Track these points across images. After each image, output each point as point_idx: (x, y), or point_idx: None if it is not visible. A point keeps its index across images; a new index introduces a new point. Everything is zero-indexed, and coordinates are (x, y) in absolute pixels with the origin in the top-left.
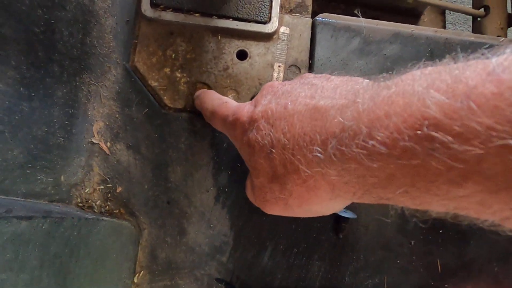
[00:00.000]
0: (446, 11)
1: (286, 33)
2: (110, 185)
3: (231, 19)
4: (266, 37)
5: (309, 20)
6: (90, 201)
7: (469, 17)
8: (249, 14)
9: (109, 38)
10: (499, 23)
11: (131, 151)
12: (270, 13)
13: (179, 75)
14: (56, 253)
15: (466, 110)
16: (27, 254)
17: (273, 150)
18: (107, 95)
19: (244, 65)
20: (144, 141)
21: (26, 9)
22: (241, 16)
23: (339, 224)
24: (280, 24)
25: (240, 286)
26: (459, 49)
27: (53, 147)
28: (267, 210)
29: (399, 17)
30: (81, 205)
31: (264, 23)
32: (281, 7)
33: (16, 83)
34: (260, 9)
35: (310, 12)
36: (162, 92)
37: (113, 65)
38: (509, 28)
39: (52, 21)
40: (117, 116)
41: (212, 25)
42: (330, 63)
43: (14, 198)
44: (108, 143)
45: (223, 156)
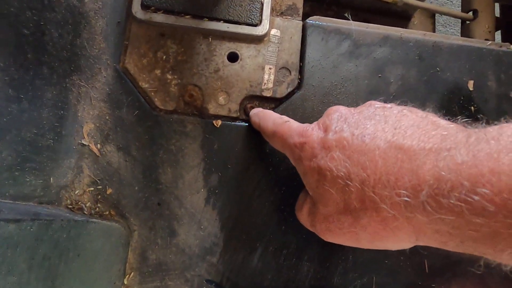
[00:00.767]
0: (436, 13)
1: (277, 36)
2: (100, 187)
3: (222, 21)
4: (257, 40)
5: (300, 23)
6: (80, 203)
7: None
8: (240, 17)
9: (100, 40)
10: (487, 27)
11: (122, 153)
12: (261, 16)
13: (170, 77)
14: (45, 256)
15: None
16: (15, 257)
17: (350, 183)
18: (98, 97)
19: (235, 67)
20: (135, 143)
21: (15, 11)
22: (232, 19)
23: None
24: (271, 27)
25: (230, 287)
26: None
27: (42, 149)
28: (327, 238)
29: (390, 20)
30: (71, 207)
31: (255, 26)
32: (272, 10)
33: (5, 85)
34: (251, 12)
35: (301, 15)
36: (153, 94)
37: (104, 67)
38: (496, 32)
39: (42, 23)
40: (108, 118)
41: (203, 27)
42: (321, 66)
43: (2, 200)
44: (98, 145)
45: (214, 158)
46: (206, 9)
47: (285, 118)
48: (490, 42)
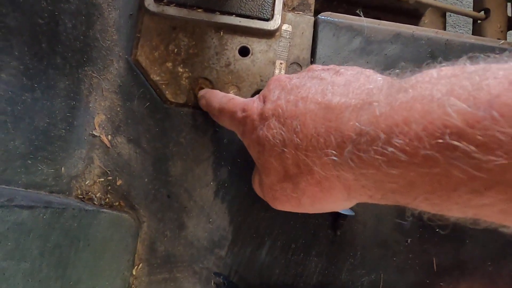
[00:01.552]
0: (447, 13)
1: (288, 31)
2: (111, 178)
3: (234, 16)
4: (268, 34)
5: (312, 19)
6: (90, 193)
7: (470, 20)
8: (252, 11)
9: (112, 32)
10: (499, 26)
11: (132, 145)
12: (273, 11)
13: (181, 70)
14: (56, 244)
15: (489, 120)
16: (28, 244)
17: (285, 150)
18: (109, 88)
19: (246, 62)
20: (145, 135)
21: (30, 0)
22: (244, 13)
23: (337, 221)
24: (283, 22)
25: (238, 281)
26: (460, 51)
27: (54, 139)
28: (276, 207)
29: (400, 18)
30: (81, 197)
31: (267, 20)
32: (284, 5)
33: (19, 74)
34: (263, 6)
35: (313, 11)
36: (164, 87)
37: (116, 59)
38: (509, 31)
39: (56, 13)
40: (119, 110)
41: (215, 21)
42: (332, 62)
43: (15, 188)
44: (109, 136)
45: (224, 151)
46: (218, 3)
47: (230, 96)
48: (503, 41)
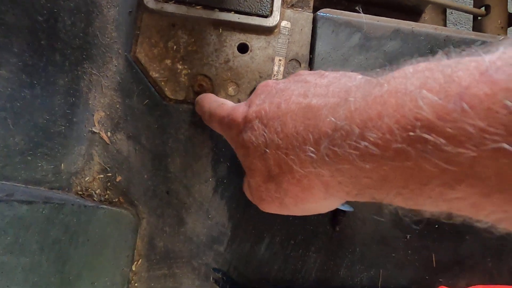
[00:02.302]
0: (447, 11)
1: (287, 28)
2: (110, 174)
3: (233, 12)
4: (268, 31)
5: (310, 15)
6: (90, 190)
7: (470, 18)
8: (251, 8)
9: (111, 29)
10: (500, 22)
11: (131, 141)
12: (272, 7)
13: (180, 67)
14: (56, 239)
15: (459, 112)
16: (28, 238)
17: (267, 150)
18: (109, 85)
19: (245, 58)
20: (145, 132)
21: None
22: (243, 10)
23: (336, 217)
24: (282, 18)
25: (237, 276)
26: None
27: (54, 135)
28: (264, 209)
29: (400, 15)
30: (81, 193)
31: (266, 17)
32: (283, 2)
33: (19, 70)
34: (262, 3)
35: (312, 7)
36: (163, 84)
37: (115, 56)
38: (509, 28)
39: (55, 10)
40: (118, 106)
41: (214, 18)
42: (331, 58)
43: (15, 184)
44: (109, 133)
45: (223, 148)
46: (217, 0)
47: (221, 101)
48: (503, 37)
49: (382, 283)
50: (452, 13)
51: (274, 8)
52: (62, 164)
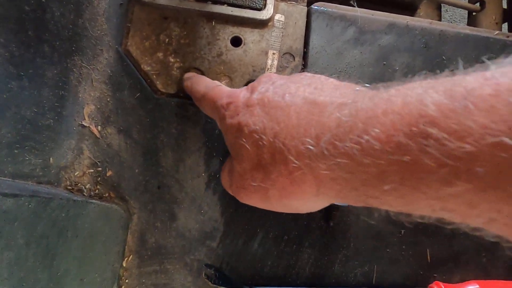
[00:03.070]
0: (442, 8)
1: (281, 21)
2: (100, 169)
3: (226, 5)
4: (261, 24)
5: (304, 8)
6: (80, 184)
7: (465, 16)
8: (244, 1)
9: (102, 21)
10: (494, 18)
11: (122, 135)
12: (265, 0)
13: (172, 60)
14: (43, 234)
15: (463, 110)
16: (13, 232)
17: (264, 137)
18: (99, 78)
19: (238, 52)
20: (136, 126)
21: None
22: (236, 2)
23: (330, 212)
24: (275, 12)
25: (230, 272)
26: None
27: (43, 128)
28: (242, 198)
29: (395, 11)
30: (70, 188)
31: (259, 10)
32: None
33: (5, 61)
34: None
35: (306, 1)
36: (155, 77)
37: (105, 48)
38: (503, 23)
39: (43, 0)
40: (109, 100)
41: (207, 11)
42: (325, 52)
43: (1, 178)
44: (99, 127)
45: (215, 142)
46: None
47: (217, 83)
48: (497, 32)
49: (377, 279)
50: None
51: (268, 1)
52: (51, 158)
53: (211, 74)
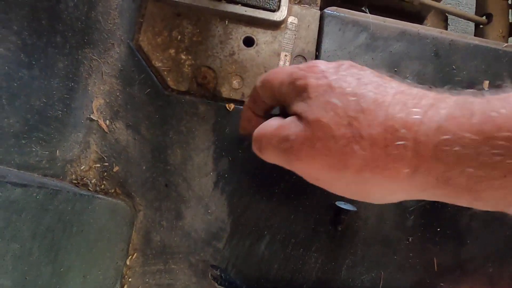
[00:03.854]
0: (449, 21)
1: (294, 23)
2: (107, 164)
3: (240, 5)
4: (274, 26)
5: (318, 12)
6: (85, 179)
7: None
8: (258, 1)
9: (115, 15)
10: (501, 31)
11: (131, 131)
12: (280, 2)
13: (184, 58)
14: (49, 227)
15: None
16: (20, 224)
17: (362, 104)
18: (109, 72)
19: (251, 52)
20: (145, 121)
21: None
22: (250, 3)
23: (339, 216)
24: (289, 14)
25: (235, 274)
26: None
27: (51, 120)
28: (299, 157)
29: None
30: (76, 182)
31: (273, 11)
32: None
33: (17, 49)
34: None
35: (319, 4)
36: (166, 73)
37: (117, 42)
38: (510, 37)
39: None
40: (118, 94)
41: (221, 9)
42: (337, 56)
43: (8, 168)
44: (107, 121)
45: (225, 142)
46: None
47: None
48: (506, 44)
49: (383, 286)
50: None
51: (282, 3)
52: (58, 151)
53: (223, 73)
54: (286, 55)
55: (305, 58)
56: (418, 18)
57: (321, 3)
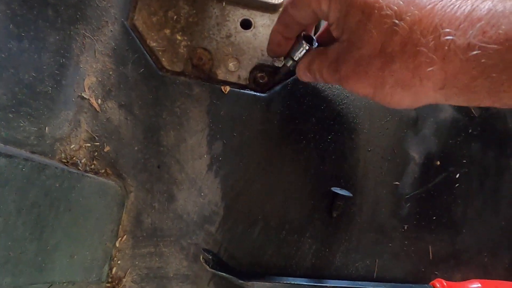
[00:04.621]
0: None
1: None
2: (98, 144)
3: None
4: (272, 8)
5: None
6: (75, 158)
7: None
8: None
9: None
10: None
11: (123, 111)
12: None
13: (180, 38)
14: (35, 202)
15: None
16: (4, 196)
17: (399, 24)
18: (102, 51)
19: (248, 35)
20: (138, 102)
21: None
22: None
23: (335, 202)
24: None
25: (228, 259)
26: None
27: (40, 95)
28: (348, 83)
29: None
30: (65, 161)
31: None
32: None
33: (6, 19)
34: None
35: None
36: (161, 54)
37: (111, 21)
38: None
39: None
40: (111, 73)
41: None
42: None
43: None
44: (99, 100)
45: (219, 124)
46: None
47: None
48: None
49: (378, 273)
50: None
51: None
52: (47, 128)
53: (219, 55)
54: None
55: None
56: None
57: None
